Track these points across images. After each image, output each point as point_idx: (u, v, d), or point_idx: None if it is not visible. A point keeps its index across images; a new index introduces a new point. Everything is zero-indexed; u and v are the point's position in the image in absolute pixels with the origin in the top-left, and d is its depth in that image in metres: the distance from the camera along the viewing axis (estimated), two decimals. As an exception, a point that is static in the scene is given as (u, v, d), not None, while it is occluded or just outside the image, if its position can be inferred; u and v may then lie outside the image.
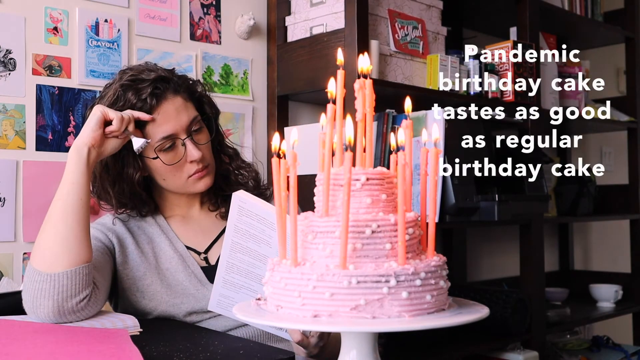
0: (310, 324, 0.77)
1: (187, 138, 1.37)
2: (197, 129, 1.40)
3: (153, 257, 1.38)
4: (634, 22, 2.83)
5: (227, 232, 1.19)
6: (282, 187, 0.82)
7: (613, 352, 2.67)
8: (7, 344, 0.94)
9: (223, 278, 1.20)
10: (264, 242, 1.17)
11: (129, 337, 0.99)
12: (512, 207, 1.98)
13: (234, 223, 1.18)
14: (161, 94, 1.36)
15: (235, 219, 1.18)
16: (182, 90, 1.40)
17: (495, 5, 2.42)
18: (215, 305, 1.23)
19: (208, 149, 1.43)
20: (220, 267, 1.20)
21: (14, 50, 1.62)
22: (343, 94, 0.84)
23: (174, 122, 1.36)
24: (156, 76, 1.37)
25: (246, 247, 1.18)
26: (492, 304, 2.03)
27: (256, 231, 1.17)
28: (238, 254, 1.19)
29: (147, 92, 1.34)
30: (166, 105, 1.36)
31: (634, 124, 2.80)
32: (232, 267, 1.20)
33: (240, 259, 1.19)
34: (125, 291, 1.36)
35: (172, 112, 1.37)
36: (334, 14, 1.90)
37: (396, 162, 0.84)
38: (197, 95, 1.46)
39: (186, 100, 1.40)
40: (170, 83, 1.39)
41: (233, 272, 1.20)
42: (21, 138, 1.62)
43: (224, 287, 1.21)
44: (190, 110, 1.40)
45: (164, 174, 1.40)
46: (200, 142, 1.40)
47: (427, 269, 0.79)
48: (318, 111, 2.14)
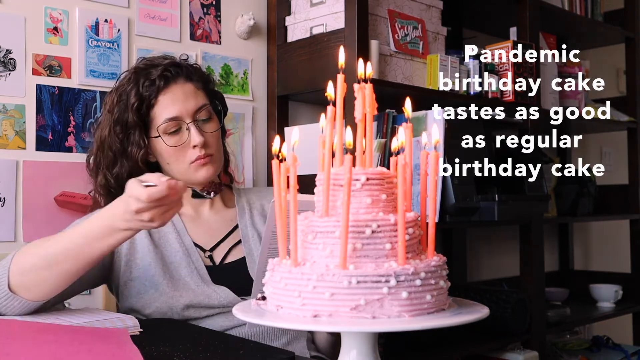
0: (310, 324, 0.77)
1: (192, 122, 1.40)
2: (206, 118, 1.43)
3: (160, 247, 1.40)
4: (634, 22, 2.83)
5: (264, 242, 1.10)
6: (282, 187, 0.82)
7: (613, 352, 2.67)
8: (7, 344, 0.94)
9: (263, 272, 1.13)
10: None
11: (129, 337, 0.99)
12: (512, 207, 1.98)
13: (271, 230, 1.08)
14: (171, 77, 1.41)
15: (272, 227, 1.06)
16: (195, 78, 1.45)
17: (495, 5, 2.42)
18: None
19: (215, 139, 1.44)
20: (257, 278, 1.10)
21: (14, 50, 1.62)
22: (343, 95, 0.84)
23: (181, 105, 1.40)
24: (170, 62, 1.43)
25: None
26: (492, 304, 2.03)
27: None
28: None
29: (157, 74, 1.39)
30: (175, 87, 1.41)
31: (634, 124, 2.80)
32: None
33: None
34: (133, 280, 1.36)
35: (180, 95, 1.40)
36: (334, 14, 1.90)
37: (396, 162, 0.84)
38: (212, 88, 1.49)
39: (198, 89, 1.44)
40: (184, 69, 1.43)
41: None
42: (21, 138, 1.62)
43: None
44: (200, 98, 1.44)
45: (168, 158, 1.42)
46: (206, 130, 1.42)
47: (427, 269, 0.79)
48: (318, 111, 2.13)
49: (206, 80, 1.49)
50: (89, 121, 1.72)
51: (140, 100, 1.40)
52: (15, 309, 1.17)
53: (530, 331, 2.18)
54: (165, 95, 1.40)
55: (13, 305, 1.16)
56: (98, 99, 1.74)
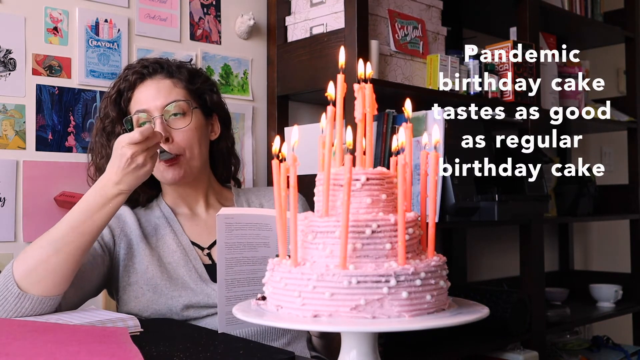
0: (310, 324, 0.77)
1: (157, 117, 1.38)
2: (176, 113, 1.40)
3: (157, 249, 1.39)
4: (634, 22, 2.83)
5: (219, 253, 1.15)
6: (282, 187, 0.82)
7: (613, 352, 2.67)
8: (7, 344, 0.94)
9: (225, 297, 1.16)
10: (261, 245, 1.16)
11: (129, 337, 0.99)
12: (512, 207, 1.97)
13: (223, 242, 1.15)
14: (148, 74, 1.42)
15: (224, 238, 1.15)
16: (176, 76, 1.44)
17: (495, 5, 2.42)
18: (224, 326, 1.18)
19: (186, 136, 1.40)
20: (220, 289, 1.16)
21: (14, 50, 1.62)
22: (343, 95, 0.84)
23: (151, 100, 1.40)
24: (156, 60, 1.45)
25: (242, 257, 1.16)
26: (492, 304, 2.03)
27: (250, 239, 1.16)
28: (235, 268, 1.17)
29: (136, 69, 1.42)
30: (149, 83, 1.42)
31: (634, 124, 2.80)
32: (232, 282, 1.17)
33: (238, 271, 1.17)
34: (132, 285, 1.36)
35: (152, 90, 1.41)
36: (334, 14, 1.90)
37: (396, 162, 0.84)
38: (197, 88, 1.46)
39: (176, 85, 1.43)
40: (164, 67, 1.44)
41: (234, 287, 1.17)
42: (21, 138, 1.62)
43: (228, 305, 1.17)
44: (175, 93, 1.42)
45: None
46: (173, 126, 1.39)
47: (427, 269, 0.79)
48: (318, 111, 2.14)
49: (191, 79, 1.45)
50: (89, 121, 1.72)
51: (118, 93, 1.44)
52: (27, 310, 1.17)
53: (530, 331, 2.18)
54: (139, 89, 1.42)
55: (25, 306, 1.17)
56: (98, 99, 1.74)
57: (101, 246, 1.37)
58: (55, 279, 1.19)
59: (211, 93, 1.50)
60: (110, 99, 1.44)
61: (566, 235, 3.19)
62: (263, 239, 1.16)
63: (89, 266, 1.32)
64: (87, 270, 1.32)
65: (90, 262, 1.33)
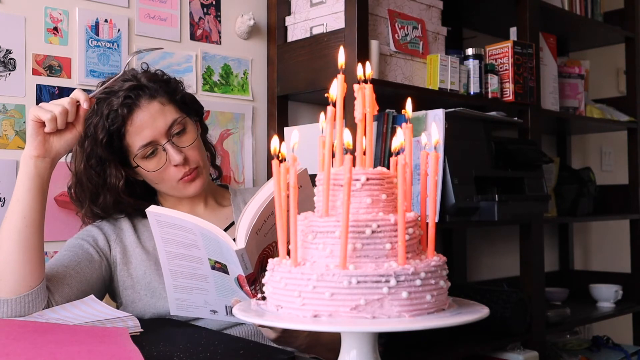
0: (310, 324, 0.77)
1: (167, 142, 1.37)
2: (179, 131, 1.40)
3: (154, 252, 1.39)
4: (634, 22, 2.83)
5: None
6: (282, 187, 0.82)
7: (613, 352, 2.67)
8: (7, 344, 0.94)
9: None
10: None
11: (129, 337, 0.99)
12: (512, 207, 1.97)
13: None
14: (133, 103, 1.36)
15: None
16: (159, 94, 1.40)
17: (495, 5, 2.42)
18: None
19: (195, 150, 1.42)
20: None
21: (14, 50, 1.62)
22: (343, 95, 0.84)
23: (151, 128, 1.37)
24: (129, 85, 1.37)
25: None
26: (492, 304, 2.03)
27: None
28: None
29: (119, 102, 1.35)
30: (140, 113, 1.37)
31: (634, 124, 2.80)
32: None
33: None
34: (127, 289, 1.37)
35: (147, 119, 1.37)
36: (334, 14, 1.90)
37: (396, 162, 0.84)
38: (180, 96, 1.45)
39: (164, 105, 1.40)
40: (145, 90, 1.38)
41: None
42: (21, 138, 1.62)
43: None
44: (169, 114, 1.40)
45: (154, 180, 1.42)
46: (182, 145, 1.39)
47: (427, 269, 0.79)
48: (318, 111, 2.14)
49: (172, 91, 1.43)
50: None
51: (108, 135, 1.36)
52: (5, 313, 1.17)
53: (530, 331, 2.18)
54: (132, 123, 1.36)
55: (2, 310, 1.17)
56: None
57: (97, 252, 1.38)
58: (16, 275, 1.17)
59: (185, 93, 1.49)
60: (102, 143, 1.36)
61: (566, 235, 3.19)
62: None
63: (88, 271, 1.33)
64: (87, 274, 1.33)
65: (88, 267, 1.34)
